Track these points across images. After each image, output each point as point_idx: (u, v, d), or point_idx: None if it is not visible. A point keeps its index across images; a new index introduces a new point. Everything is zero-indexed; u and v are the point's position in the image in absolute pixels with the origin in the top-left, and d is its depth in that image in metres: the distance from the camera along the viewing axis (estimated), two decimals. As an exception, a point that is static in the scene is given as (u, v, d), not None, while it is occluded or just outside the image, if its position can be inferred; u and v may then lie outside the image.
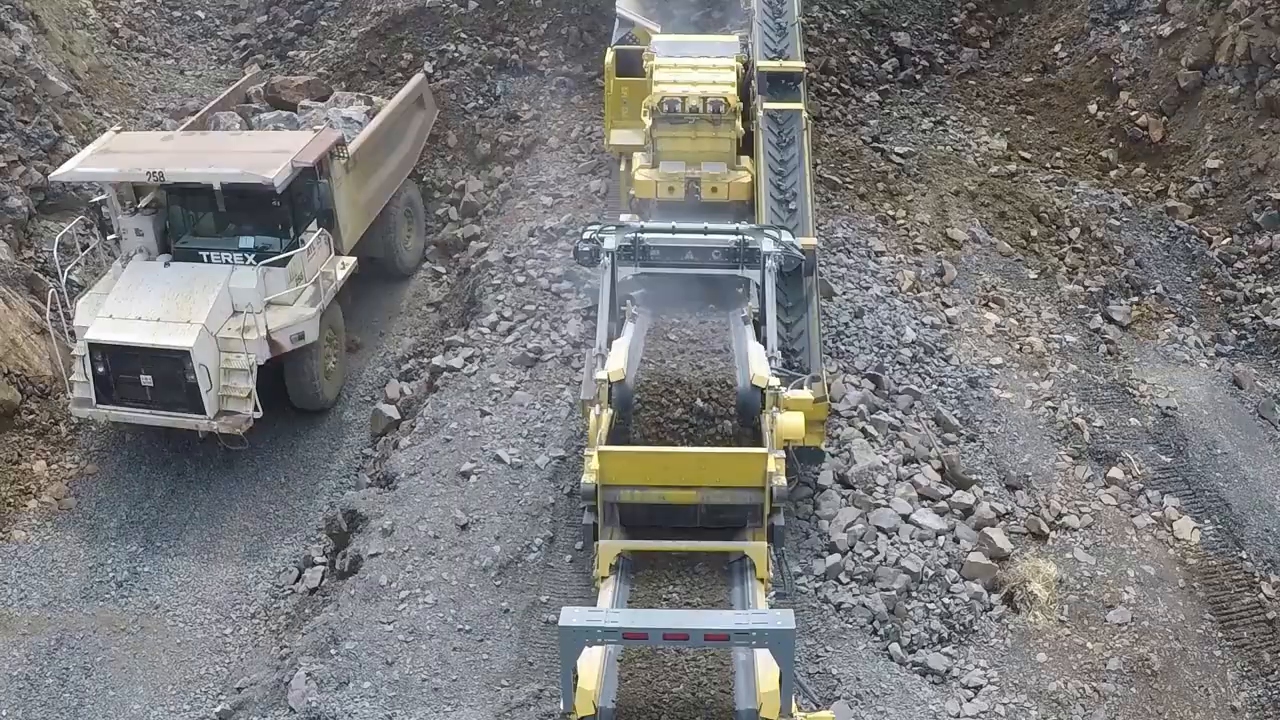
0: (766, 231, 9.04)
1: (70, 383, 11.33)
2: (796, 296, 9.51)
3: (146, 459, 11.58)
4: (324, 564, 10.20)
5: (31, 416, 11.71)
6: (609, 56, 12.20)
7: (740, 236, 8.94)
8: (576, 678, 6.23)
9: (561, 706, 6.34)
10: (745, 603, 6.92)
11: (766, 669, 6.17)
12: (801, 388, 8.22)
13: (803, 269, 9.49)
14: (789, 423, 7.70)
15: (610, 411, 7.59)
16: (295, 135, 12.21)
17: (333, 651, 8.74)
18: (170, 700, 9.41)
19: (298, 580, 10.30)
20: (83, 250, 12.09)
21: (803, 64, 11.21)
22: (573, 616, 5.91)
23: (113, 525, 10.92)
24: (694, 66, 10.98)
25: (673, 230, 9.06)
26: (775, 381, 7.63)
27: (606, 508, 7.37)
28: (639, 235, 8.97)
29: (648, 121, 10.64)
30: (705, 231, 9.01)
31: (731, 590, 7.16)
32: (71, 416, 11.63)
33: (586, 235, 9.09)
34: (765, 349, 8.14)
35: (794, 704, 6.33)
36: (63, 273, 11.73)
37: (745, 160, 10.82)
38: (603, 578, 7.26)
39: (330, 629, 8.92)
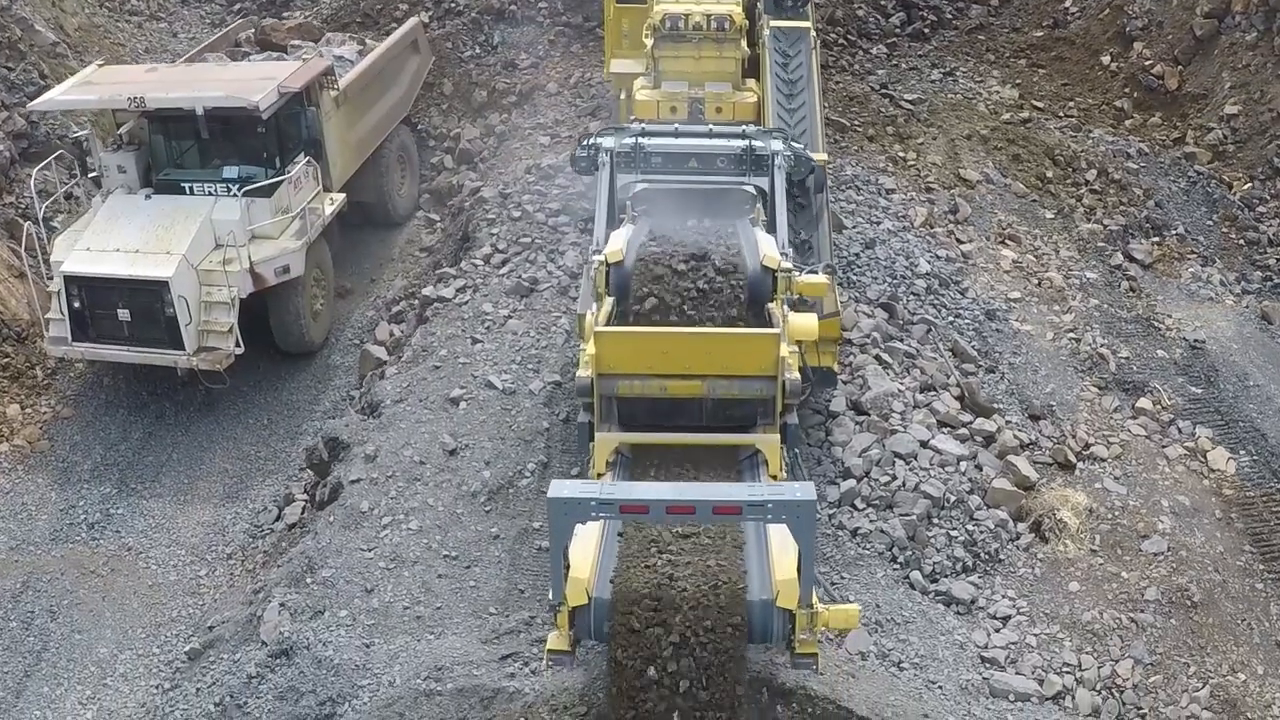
0: (775, 134, 8.58)
1: (46, 321, 10.83)
2: (806, 217, 9.05)
3: (124, 402, 11.07)
4: (304, 499, 9.63)
5: (7, 360, 11.24)
6: (609, -18, 11.86)
7: (747, 141, 8.48)
8: (568, 565, 5.65)
9: (550, 598, 5.74)
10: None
11: (783, 553, 5.59)
12: (816, 273, 7.69)
13: (813, 186, 9.03)
14: (802, 322, 7.20)
15: (608, 299, 7.05)
16: (283, 64, 11.81)
17: (308, 580, 8.14)
18: (139, 643, 8.84)
19: (277, 519, 9.72)
20: (65, 196, 11.65)
21: None
22: (563, 488, 5.35)
23: (86, 468, 10.40)
24: (697, -13, 10.62)
25: (675, 134, 8.60)
26: (788, 265, 7.11)
27: (604, 403, 6.81)
28: (639, 139, 8.51)
29: (649, 42, 10.26)
30: (710, 135, 8.55)
31: (740, 487, 6.58)
32: (48, 358, 11.13)
33: (584, 142, 8.63)
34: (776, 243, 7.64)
35: (814, 596, 5.74)
36: (40, 210, 11.27)
37: (751, 83, 10.42)
38: (599, 475, 6.68)
39: (307, 558, 8.33)
